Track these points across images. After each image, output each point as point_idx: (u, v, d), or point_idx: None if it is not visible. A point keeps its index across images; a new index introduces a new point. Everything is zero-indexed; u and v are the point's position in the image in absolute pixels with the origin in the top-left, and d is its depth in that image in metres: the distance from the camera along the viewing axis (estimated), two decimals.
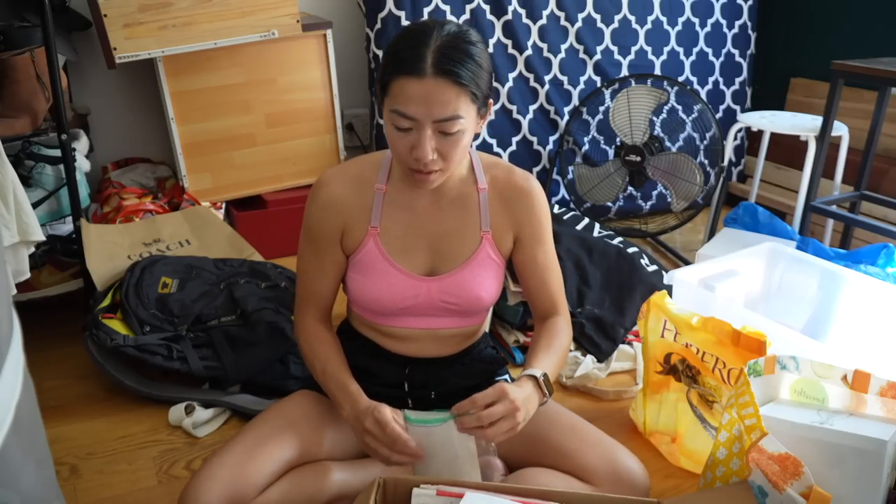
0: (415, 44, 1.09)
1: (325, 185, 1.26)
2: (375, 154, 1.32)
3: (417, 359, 1.33)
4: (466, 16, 2.60)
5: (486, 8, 2.62)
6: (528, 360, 1.24)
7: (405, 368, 1.33)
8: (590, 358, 1.81)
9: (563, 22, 2.74)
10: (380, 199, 1.26)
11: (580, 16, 2.76)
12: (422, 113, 1.09)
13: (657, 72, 2.91)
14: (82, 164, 2.04)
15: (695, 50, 2.99)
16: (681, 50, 2.96)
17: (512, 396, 1.10)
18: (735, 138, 2.69)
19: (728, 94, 3.10)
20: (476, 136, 2.47)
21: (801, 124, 2.42)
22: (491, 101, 1.19)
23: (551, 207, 1.96)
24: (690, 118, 2.82)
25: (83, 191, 1.99)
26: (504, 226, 1.30)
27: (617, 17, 2.82)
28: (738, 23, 3.04)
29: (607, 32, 2.82)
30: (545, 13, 2.70)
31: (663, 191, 2.93)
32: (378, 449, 1.12)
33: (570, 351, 1.84)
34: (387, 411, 1.12)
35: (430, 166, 1.14)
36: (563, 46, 2.76)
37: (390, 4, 2.49)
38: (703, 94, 3.03)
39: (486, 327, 1.47)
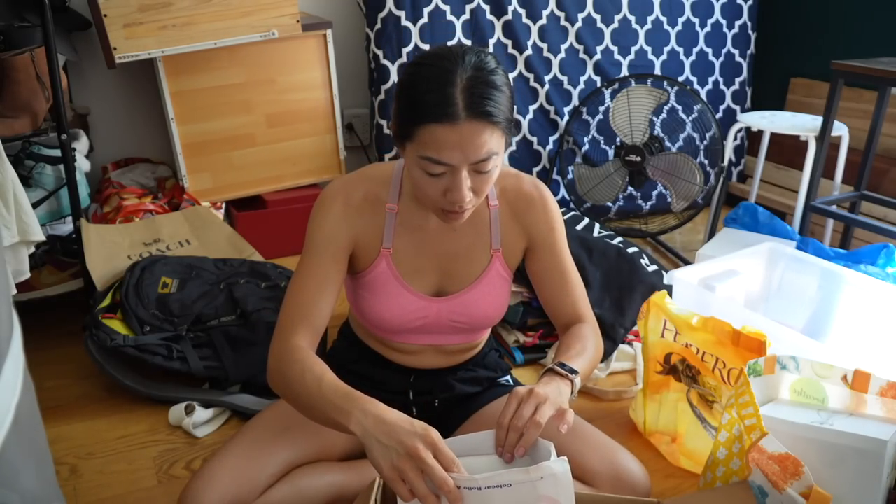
0: (439, 85, 1.00)
1: (337, 197, 1.19)
2: (383, 168, 1.25)
3: (422, 368, 1.33)
4: (466, 16, 2.60)
5: (486, 8, 2.62)
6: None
7: (409, 377, 1.33)
8: None
9: (563, 22, 2.74)
10: (392, 220, 1.21)
11: (580, 16, 2.76)
12: (458, 158, 1.02)
13: (657, 72, 2.91)
14: (82, 164, 2.04)
15: (695, 50, 2.99)
16: (681, 50, 2.96)
17: (519, 390, 1.03)
18: (735, 138, 2.69)
19: (728, 94, 3.10)
20: None
21: (801, 124, 2.42)
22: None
23: None
24: (690, 118, 2.82)
25: (83, 191, 1.99)
26: (515, 237, 1.27)
27: (617, 17, 2.82)
28: (738, 23, 3.04)
29: (607, 32, 2.82)
30: (545, 13, 2.70)
31: (663, 191, 2.93)
32: (414, 481, 0.88)
33: None
34: (436, 434, 0.92)
35: (466, 206, 1.08)
36: (563, 46, 2.76)
37: (390, 4, 2.49)
38: (703, 94, 3.02)
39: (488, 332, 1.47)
